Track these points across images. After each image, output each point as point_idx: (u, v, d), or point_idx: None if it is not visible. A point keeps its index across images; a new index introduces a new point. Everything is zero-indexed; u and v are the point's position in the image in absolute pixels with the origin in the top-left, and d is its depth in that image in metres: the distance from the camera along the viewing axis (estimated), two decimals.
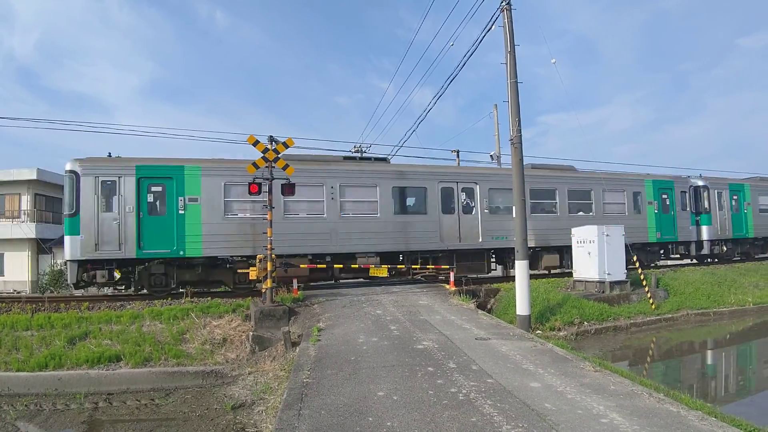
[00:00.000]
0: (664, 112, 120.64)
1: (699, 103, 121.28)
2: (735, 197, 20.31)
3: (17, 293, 19.96)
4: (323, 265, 13.53)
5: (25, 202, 24.90)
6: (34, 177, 24.37)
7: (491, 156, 22.77)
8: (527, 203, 14.99)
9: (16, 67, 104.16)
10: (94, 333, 9.97)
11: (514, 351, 7.01)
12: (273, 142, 10.71)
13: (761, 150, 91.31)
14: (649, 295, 13.35)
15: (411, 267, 14.49)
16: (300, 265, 13.10)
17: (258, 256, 10.88)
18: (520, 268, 10.67)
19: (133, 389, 8.44)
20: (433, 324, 9.00)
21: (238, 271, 12.91)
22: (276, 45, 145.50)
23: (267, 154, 10.41)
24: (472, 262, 15.03)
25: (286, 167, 10.67)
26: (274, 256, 10.45)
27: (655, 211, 18.01)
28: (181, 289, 13.08)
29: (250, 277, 11.04)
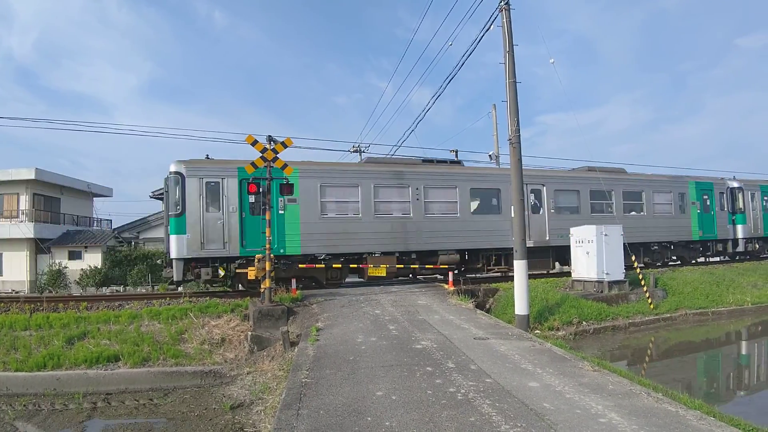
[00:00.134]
0: (663, 112, 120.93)
1: (698, 103, 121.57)
2: (766, 198, 21.58)
3: (15, 293, 19.90)
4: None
5: (23, 202, 24.84)
6: (32, 177, 24.29)
7: (490, 156, 22.77)
8: (587, 204, 16.67)
9: (15, 66, 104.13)
10: (92, 333, 9.97)
11: (513, 351, 7.01)
12: (272, 142, 10.69)
13: (760, 150, 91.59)
14: (647, 294, 13.37)
15: (484, 264, 15.43)
16: (384, 264, 13.93)
17: (257, 256, 10.87)
18: (519, 268, 10.66)
19: (132, 389, 8.43)
20: (432, 324, 8.99)
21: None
22: (275, 44, 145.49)
23: (266, 154, 10.43)
24: (539, 259, 15.65)
25: (284, 167, 10.74)
26: (272, 256, 10.45)
27: (698, 211, 19.22)
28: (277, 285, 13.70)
29: (249, 278, 11.09)
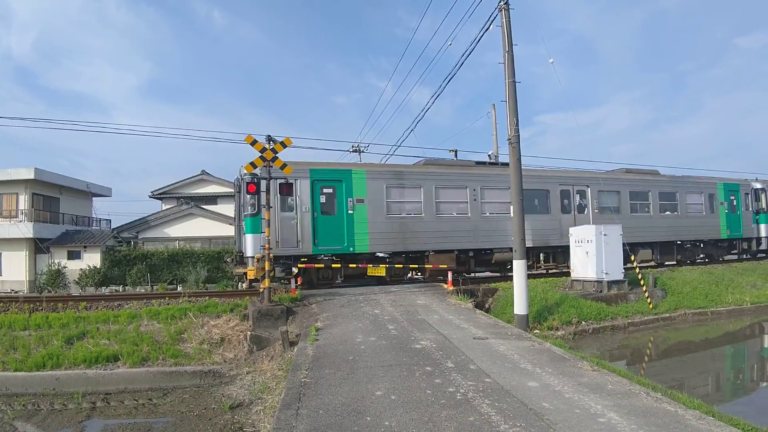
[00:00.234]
0: (662, 111, 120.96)
1: (697, 102, 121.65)
2: None
3: (15, 293, 19.88)
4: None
5: (22, 202, 24.81)
6: (31, 176, 24.25)
7: (489, 156, 22.71)
8: (627, 204, 17.50)
9: (14, 66, 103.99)
10: (91, 333, 9.96)
11: (512, 350, 7.01)
12: (271, 142, 10.68)
13: (760, 150, 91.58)
14: (646, 294, 13.37)
15: (534, 262, 16.06)
16: (444, 262, 14.42)
17: (256, 255, 10.90)
18: (518, 268, 10.66)
19: (131, 389, 8.43)
20: (431, 323, 8.99)
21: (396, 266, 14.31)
22: (274, 44, 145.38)
23: (265, 154, 10.42)
24: None
25: (284, 167, 10.74)
26: (272, 255, 10.45)
27: (726, 211, 20.21)
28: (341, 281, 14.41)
29: (248, 277, 11.13)
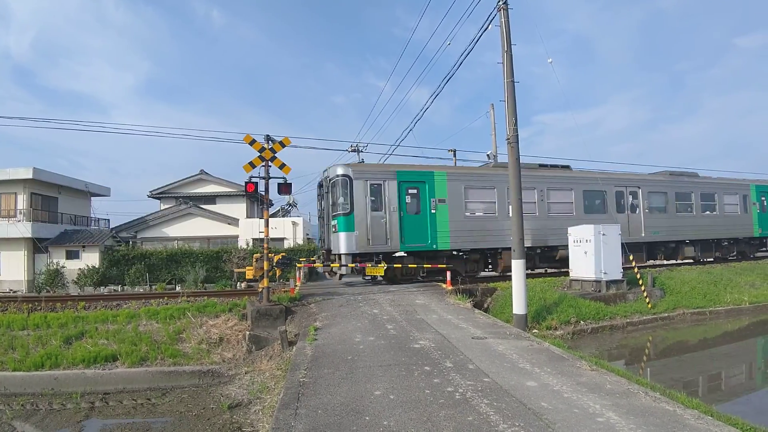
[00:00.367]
0: (661, 111, 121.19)
1: (696, 102, 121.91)
2: None
3: (13, 293, 19.89)
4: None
5: (21, 202, 24.79)
6: (30, 176, 24.23)
7: (488, 155, 22.73)
8: (673, 204, 19.03)
9: (12, 66, 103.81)
10: (90, 332, 9.96)
11: (511, 350, 7.02)
12: (270, 141, 10.68)
13: (760, 150, 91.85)
14: (645, 294, 13.39)
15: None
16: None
17: (255, 255, 10.90)
18: (517, 268, 10.66)
19: (130, 389, 8.42)
20: (430, 323, 8.99)
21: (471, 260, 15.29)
22: (273, 44, 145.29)
23: (264, 153, 10.43)
24: (636, 253, 16.47)
25: (282, 167, 10.74)
26: (271, 255, 10.45)
27: (758, 211, 21.57)
28: (421, 277, 15.10)
29: (247, 277, 11.16)
